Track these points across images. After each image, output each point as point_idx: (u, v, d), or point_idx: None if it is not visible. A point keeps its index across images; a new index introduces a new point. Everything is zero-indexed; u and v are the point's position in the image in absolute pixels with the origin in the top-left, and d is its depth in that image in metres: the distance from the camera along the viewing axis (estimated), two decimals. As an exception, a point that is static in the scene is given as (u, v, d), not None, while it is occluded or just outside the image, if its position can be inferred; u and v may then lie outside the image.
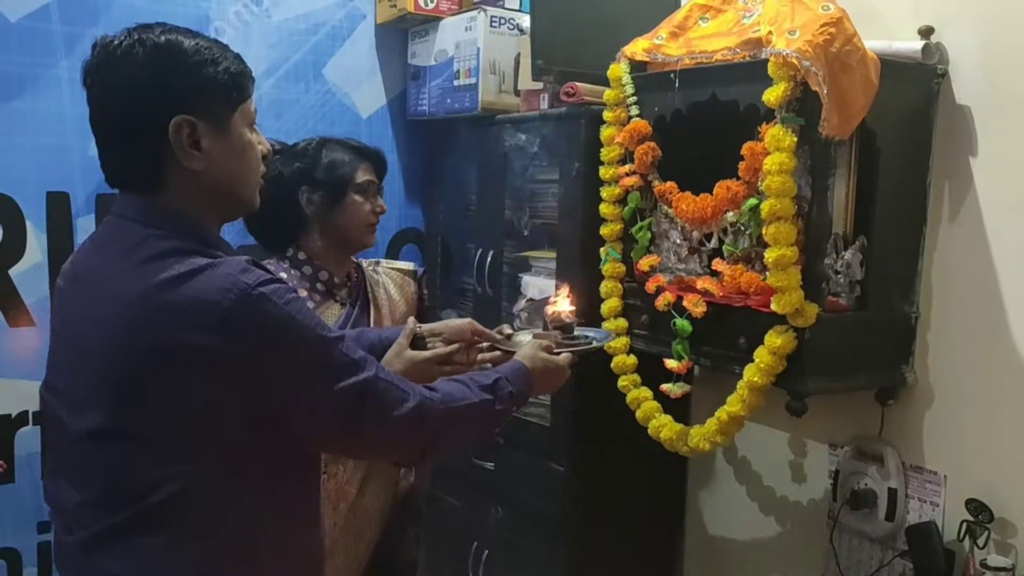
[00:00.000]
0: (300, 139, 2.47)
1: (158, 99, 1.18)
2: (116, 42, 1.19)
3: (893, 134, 1.70)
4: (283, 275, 1.92)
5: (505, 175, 2.37)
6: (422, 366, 1.62)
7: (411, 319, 1.72)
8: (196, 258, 1.15)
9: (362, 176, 2.00)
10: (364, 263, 2.12)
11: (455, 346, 1.66)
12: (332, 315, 1.96)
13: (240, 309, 1.12)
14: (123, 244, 1.19)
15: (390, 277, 2.15)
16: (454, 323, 1.71)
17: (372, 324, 1.98)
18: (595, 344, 1.68)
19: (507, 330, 1.74)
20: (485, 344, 1.69)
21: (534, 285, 2.32)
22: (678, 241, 1.92)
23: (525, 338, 1.67)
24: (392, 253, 2.69)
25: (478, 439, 1.61)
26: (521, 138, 2.30)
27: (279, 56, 2.45)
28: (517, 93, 2.34)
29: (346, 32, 2.56)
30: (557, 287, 1.73)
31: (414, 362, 1.62)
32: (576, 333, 1.69)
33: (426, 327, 1.70)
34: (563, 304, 1.69)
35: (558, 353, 1.59)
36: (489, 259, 2.37)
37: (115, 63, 1.18)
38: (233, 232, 1.94)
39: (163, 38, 1.19)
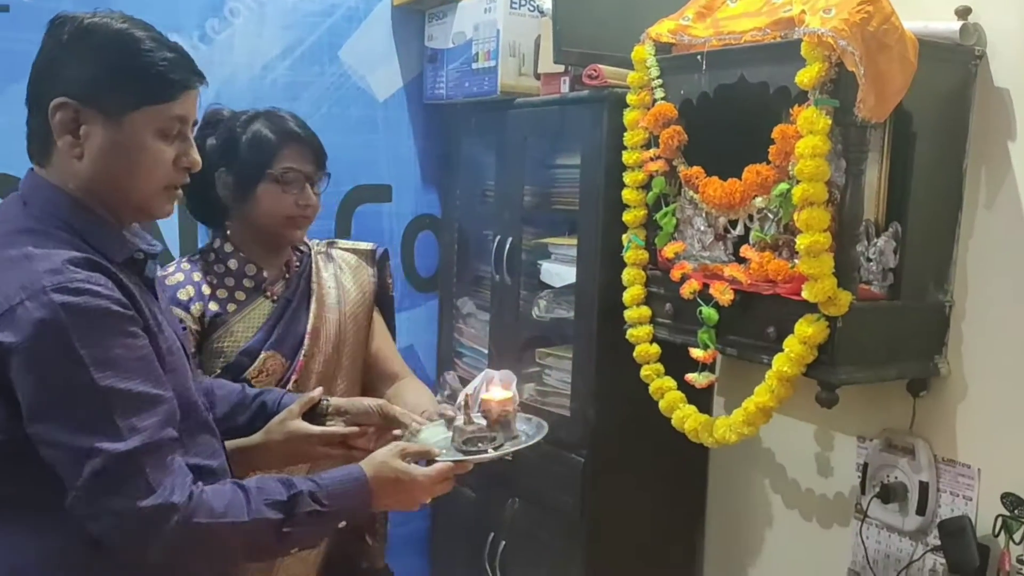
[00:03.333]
0: (314, 123, 2.45)
1: (51, 75, 1.17)
2: (60, 20, 1.19)
3: (929, 117, 1.65)
4: (191, 275, 1.67)
5: (524, 160, 2.33)
6: (302, 443, 1.44)
7: (318, 389, 1.52)
8: (30, 245, 1.11)
9: (283, 163, 1.66)
10: (314, 245, 1.83)
11: (351, 429, 1.46)
12: (261, 313, 1.69)
13: (24, 306, 1.07)
14: (4, 216, 1.20)
15: (344, 261, 1.84)
16: (362, 403, 1.51)
17: (312, 319, 1.71)
18: (497, 452, 1.36)
19: (427, 416, 1.51)
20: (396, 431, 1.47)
21: (554, 273, 2.28)
22: (702, 228, 1.87)
23: (432, 433, 1.43)
24: (407, 240, 2.65)
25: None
26: (541, 122, 2.25)
27: (294, 38, 2.41)
28: (537, 76, 2.29)
29: (362, 14, 2.51)
30: (489, 378, 1.44)
31: (294, 434, 1.43)
32: (517, 427, 1.43)
33: (333, 401, 1.51)
34: (495, 392, 1.41)
35: (432, 461, 1.33)
36: (508, 246, 2.33)
37: (45, 36, 1.19)
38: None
39: (94, 20, 1.18)
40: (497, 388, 1.41)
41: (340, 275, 1.81)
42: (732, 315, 1.75)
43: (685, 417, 1.90)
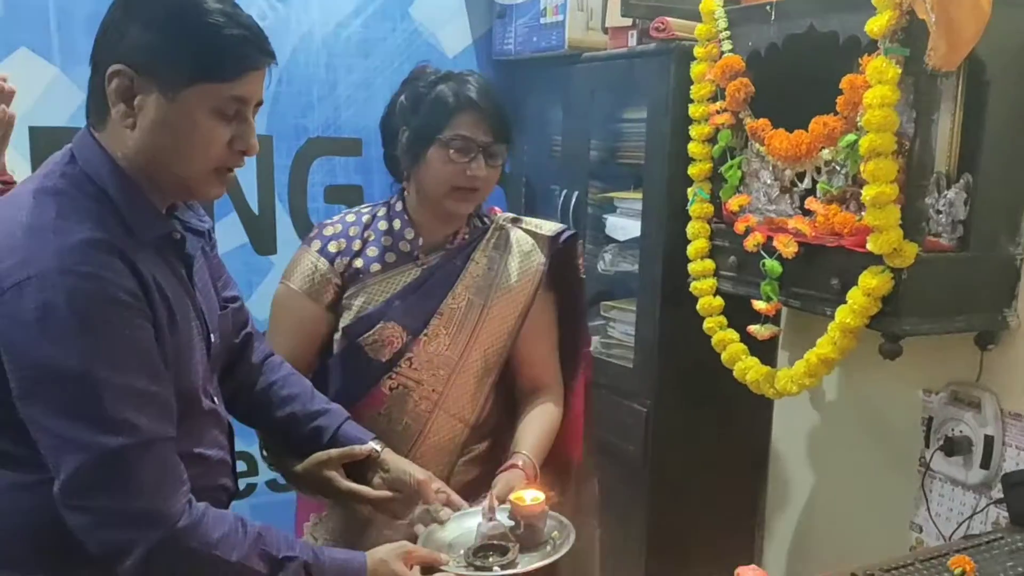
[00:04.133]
0: (386, 79, 2.51)
1: (112, 39, 1.11)
2: None
3: (1004, 66, 1.62)
4: (349, 229, 1.62)
5: (591, 115, 2.35)
6: (332, 491, 1.38)
7: (367, 446, 1.40)
8: (47, 212, 1.07)
9: (456, 129, 1.53)
10: (501, 217, 1.71)
11: (382, 494, 1.38)
12: (403, 280, 1.60)
13: (31, 283, 1.03)
14: (43, 166, 1.16)
15: (519, 243, 1.68)
16: (407, 470, 1.40)
17: (448, 299, 1.60)
18: (503, 572, 1.28)
19: (453, 505, 1.41)
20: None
21: (619, 227, 2.31)
22: (769, 181, 1.87)
23: (458, 525, 1.37)
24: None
25: None
26: (608, 76, 2.27)
27: (367, -5, 2.47)
28: (605, 30, 2.31)
29: (433, -30, 2.55)
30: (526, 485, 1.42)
31: (326, 482, 1.38)
32: (547, 527, 1.37)
33: (383, 453, 1.41)
34: (527, 493, 1.37)
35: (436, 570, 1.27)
36: (574, 200, 2.36)
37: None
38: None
39: None
40: (531, 489, 1.38)
41: (507, 259, 1.66)
42: (796, 268, 1.76)
43: (747, 369, 1.92)
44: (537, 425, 1.62)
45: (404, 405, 1.58)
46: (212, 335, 1.25)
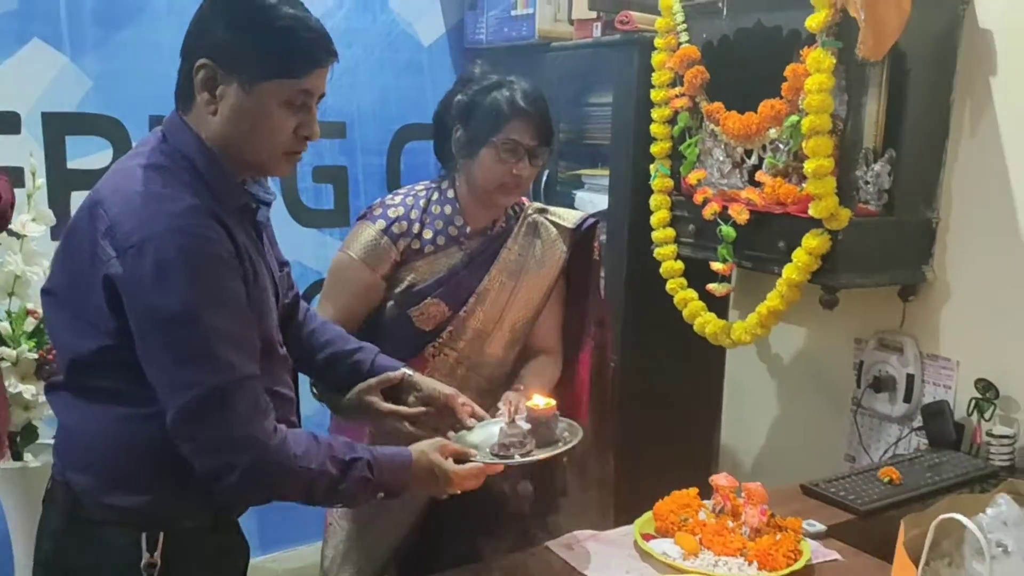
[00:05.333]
0: (368, 66, 2.69)
1: (201, 35, 1.25)
2: None
3: (921, 56, 1.89)
4: (410, 212, 1.78)
5: (559, 100, 2.57)
6: (374, 414, 1.54)
7: (399, 372, 1.57)
8: (156, 183, 1.22)
9: (508, 134, 1.70)
10: (530, 207, 1.88)
11: (418, 410, 1.55)
12: (448, 263, 1.77)
13: (149, 243, 1.17)
14: (141, 145, 1.30)
15: (546, 231, 1.86)
16: (437, 388, 1.57)
17: (486, 280, 1.78)
18: (522, 459, 1.46)
19: (478, 416, 1.57)
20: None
21: (587, 201, 2.54)
22: (721, 158, 2.13)
23: (483, 432, 1.53)
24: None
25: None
26: (575, 65, 2.50)
27: (349, -13, 2.65)
28: (571, 22, 2.53)
29: (410, -36, 2.74)
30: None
31: (368, 406, 1.54)
32: (558, 428, 1.54)
33: (414, 377, 1.58)
34: (538, 399, 1.53)
35: (466, 460, 1.42)
36: (544, 178, 2.59)
37: None
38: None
39: None
40: (540, 396, 1.55)
41: (534, 245, 1.84)
42: (748, 233, 2.02)
43: (706, 323, 2.18)
44: (536, 375, 1.82)
45: (443, 368, 1.77)
46: (280, 291, 1.43)
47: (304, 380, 1.57)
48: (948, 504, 1.07)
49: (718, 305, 2.23)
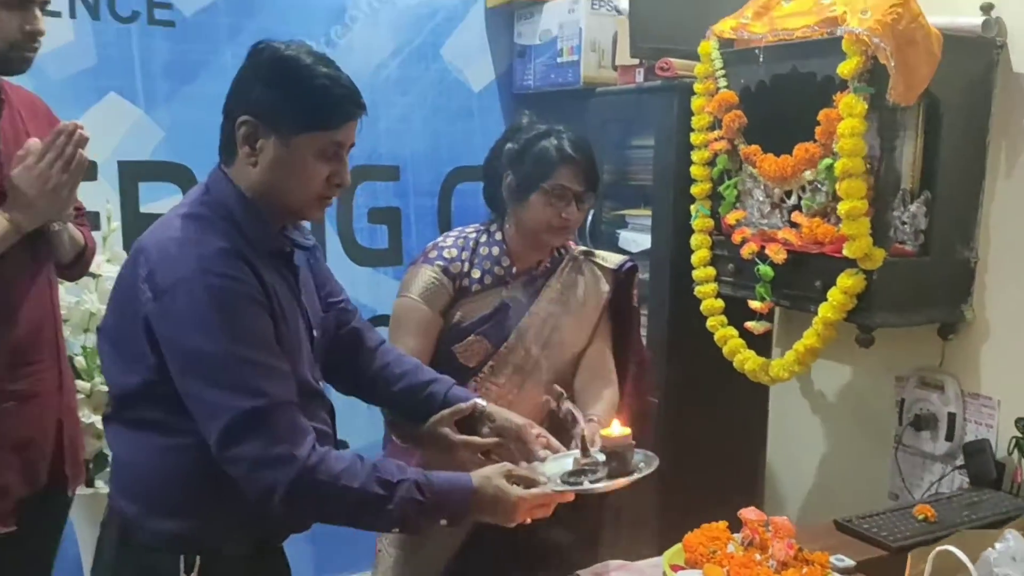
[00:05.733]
0: (420, 112, 2.82)
1: (242, 94, 1.37)
2: (262, 46, 1.38)
3: (956, 99, 1.93)
4: (462, 253, 1.87)
5: (603, 142, 2.65)
6: (447, 446, 1.59)
7: (471, 402, 1.63)
8: (191, 230, 1.34)
9: (557, 180, 1.80)
10: (576, 250, 1.98)
11: (490, 441, 1.61)
12: (492, 302, 1.86)
13: (182, 283, 1.29)
14: (187, 196, 1.44)
15: (589, 273, 1.95)
16: (510, 418, 1.63)
17: (527, 318, 1.86)
18: (590, 486, 1.46)
19: (552, 448, 1.62)
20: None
21: (631, 240, 2.61)
22: (761, 198, 2.18)
23: (556, 464, 1.56)
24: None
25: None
26: (619, 109, 2.58)
27: (403, 39, 2.79)
28: (615, 68, 2.62)
29: (460, 15, 2.88)
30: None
31: (441, 438, 1.60)
32: (634, 458, 1.55)
33: (488, 408, 1.64)
34: (613, 428, 1.56)
35: (530, 485, 1.43)
36: (590, 218, 2.66)
37: (248, 59, 1.39)
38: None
39: (286, 53, 1.35)
40: (616, 425, 1.57)
41: (576, 284, 1.92)
42: (785, 272, 2.06)
43: (745, 360, 2.22)
44: (600, 399, 1.87)
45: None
46: (314, 331, 1.52)
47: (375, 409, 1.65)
48: (956, 539, 1.10)
49: (761, 342, 2.27)
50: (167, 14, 2.44)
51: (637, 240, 2.57)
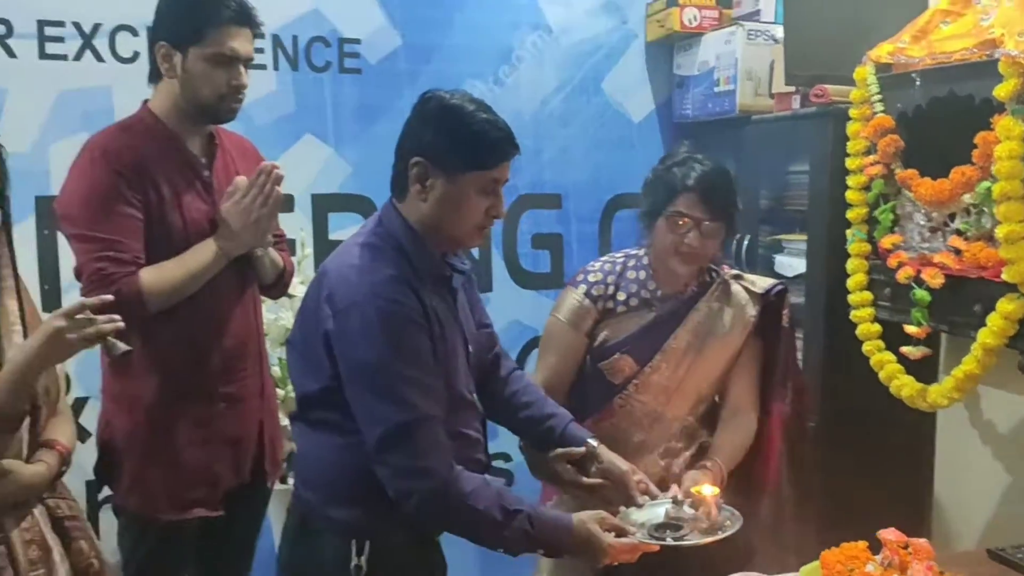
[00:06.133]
0: (581, 144, 2.96)
1: (414, 138, 1.57)
2: (429, 95, 1.59)
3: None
4: (608, 276, 1.99)
5: (760, 168, 2.70)
6: (556, 479, 1.77)
7: (583, 448, 1.77)
8: (367, 258, 1.53)
9: (677, 207, 1.89)
10: (727, 274, 2.04)
11: (595, 482, 1.75)
12: (638, 322, 1.96)
13: (355, 307, 1.49)
14: (363, 227, 1.64)
15: (737, 296, 2.01)
16: (615, 462, 1.76)
17: (673, 340, 1.95)
18: (671, 542, 1.61)
19: (650, 494, 1.74)
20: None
21: (787, 264, 2.63)
22: (922, 222, 2.15)
23: (649, 511, 1.69)
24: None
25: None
26: (774, 135, 2.62)
27: (566, 75, 2.96)
28: (771, 96, 2.66)
29: (621, 50, 3.01)
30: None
31: (553, 473, 1.78)
32: (721, 515, 1.68)
33: (600, 450, 1.77)
34: (705, 488, 1.69)
35: (622, 534, 1.59)
36: (746, 243, 2.71)
37: (417, 107, 1.60)
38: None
39: (452, 101, 1.55)
40: (707, 484, 1.70)
41: (723, 308, 1.99)
42: (943, 296, 2.03)
43: (902, 386, 2.19)
44: (731, 439, 1.96)
45: (630, 418, 1.96)
46: (469, 346, 1.70)
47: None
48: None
49: (922, 368, 2.23)
50: (355, 63, 2.72)
51: (793, 264, 2.59)
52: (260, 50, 2.62)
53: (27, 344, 1.57)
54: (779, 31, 2.62)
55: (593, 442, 1.80)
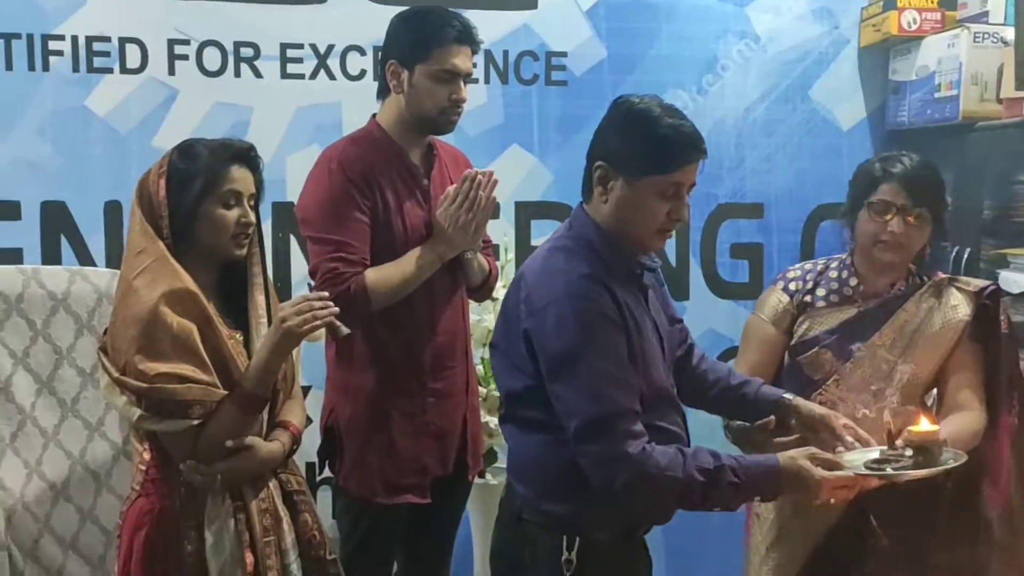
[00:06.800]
0: (785, 153, 2.91)
1: (601, 142, 1.62)
2: (621, 100, 1.63)
3: None
4: (807, 275, 2.02)
5: (984, 178, 2.53)
6: (764, 451, 1.74)
7: (786, 395, 1.79)
8: (560, 260, 1.59)
9: (879, 195, 1.90)
10: (940, 277, 1.99)
11: (792, 438, 1.77)
12: (841, 317, 1.96)
13: (553, 304, 1.54)
14: (556, 231, 1.71)
15: (950, 297, 1.95)
16: (815, 409, 1.78)
17: (874, 337, 1.92)
18: (893, 472, 1.56)
19: (860, 439, 1.72)
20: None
21: (1012, 280, 2.45)
22: None
23: (856, 456, 1.65)
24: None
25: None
26: (1002, 143, 2.46)
27: (771, 83, 2.90)
28: (999, 101, 2.50)
29: (831, 56, 2.92)
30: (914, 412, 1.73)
31: (757, 442, 1.80)
32: (943, 455, 1.61)
33: (796, 402, 1.79)
34: (922, 424, 1.63)
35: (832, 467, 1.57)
36: (965, 256, 2.55)
37: (608, 111, 1.65)
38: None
39: (639, 106, 1.58)
40: (925, 422, 1.64)
41: (934, 311, 1.93)
42: None
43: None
44: (951, 426, 1.84)
45: None
46: (664, 342, 1.73)
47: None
48: None
49: None
50: (561, 75, 2.81)
51: (1019, 281, 2.40)
52: (474, 65, 2.76)
53: (267, 337, 1.76)
54: (1009, 33, 2.45)
55: (788, 396, 1.80)
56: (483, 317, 2.65)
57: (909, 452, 1.59)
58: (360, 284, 2.00)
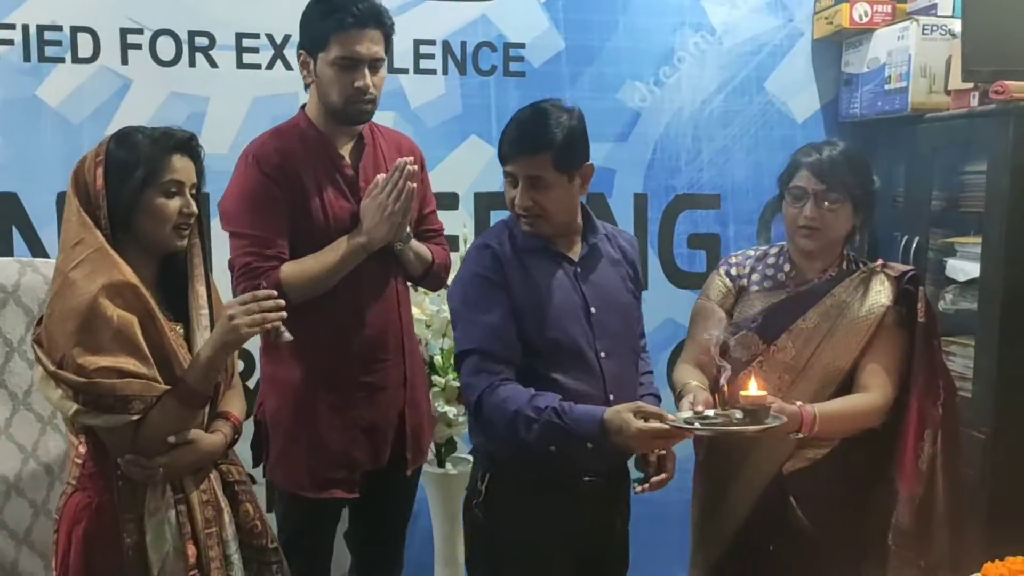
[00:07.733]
0: (742, 144, 2.96)
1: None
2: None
3: None
4: (747, 261, 2.12)
5: (932, 168, 2.59)
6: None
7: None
8: (474, 245, 1.98)
9: (795, 181, 2.01)
10: (875, 265, 2.02)
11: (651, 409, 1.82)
12: (770, 300, 2.02)
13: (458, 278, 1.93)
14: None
15: (875, 282, 1.98)
16: (701, 392, 1.91)
17: (800, 321, 1.97)
18: (701, 428, 1.68)
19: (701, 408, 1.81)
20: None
21: (959, 269, 2.52)
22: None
23: (689, 415, 1.76)
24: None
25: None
26: (950, 134, 2.51)
27: (728, 75, 2.94)
28: (947, 93, 2.55)
29: (785, 49, 2.96)
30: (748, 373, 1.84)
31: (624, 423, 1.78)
32: (769, 419, 1.70)
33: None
34: (751, 388, 1.71)
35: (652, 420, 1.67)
36: (915, 245, 2.61)
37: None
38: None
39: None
40: (754, 386, 1.71)
41: (858, 298, 1.96)
42: None
43: (1086, 397, 2.06)
44: (838, 403, 1.92)
45: None
46: (592, 308, 1.88)
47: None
48: None
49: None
50: (519, 66, 2.82)
51: (966, 269, 2.47)
52: (431, 56, 2.77)
53: (213, 334, 1.74)
54: (957, 25, 2.51)
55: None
56: (442, 308, 2.65)
57: (740, 415, 1.69)
58: (274, 279, 1.96)
